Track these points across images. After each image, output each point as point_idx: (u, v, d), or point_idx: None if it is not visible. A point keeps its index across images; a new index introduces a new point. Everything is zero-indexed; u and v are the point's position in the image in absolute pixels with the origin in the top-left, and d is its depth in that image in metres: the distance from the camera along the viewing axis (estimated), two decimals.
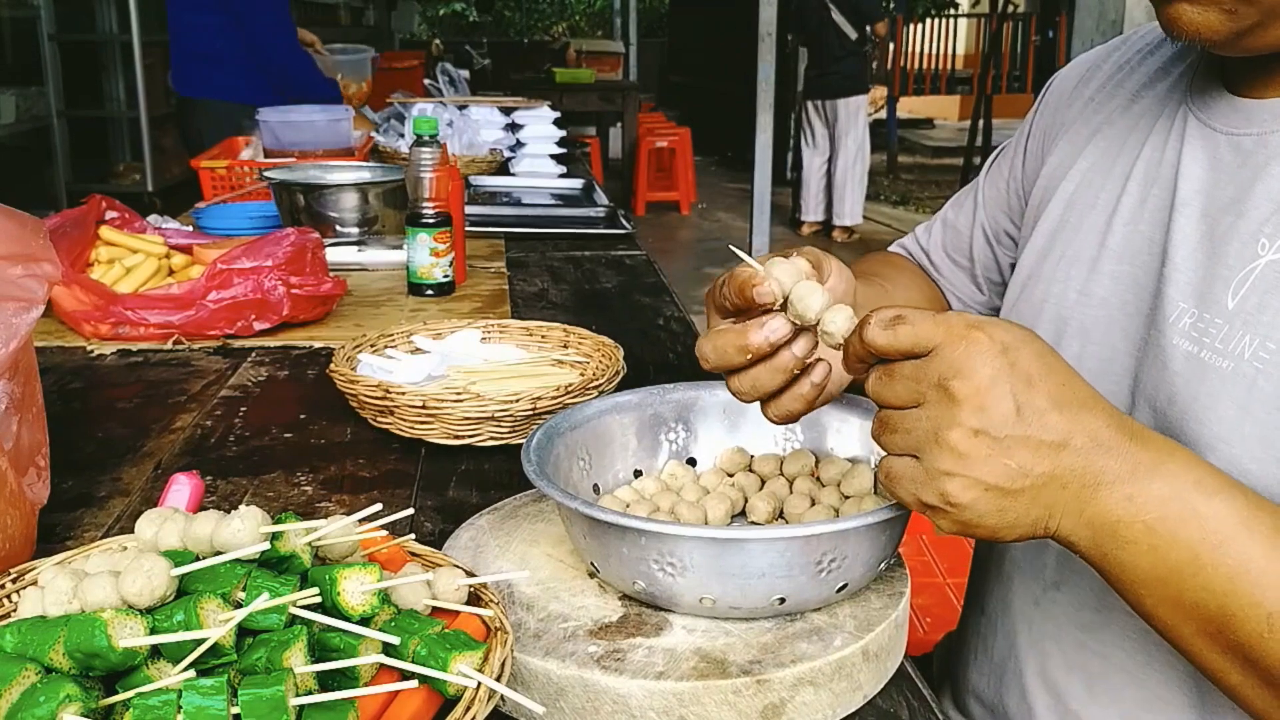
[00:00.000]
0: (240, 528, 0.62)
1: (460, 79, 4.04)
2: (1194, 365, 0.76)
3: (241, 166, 2.50)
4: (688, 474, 0.89)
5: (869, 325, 0.64)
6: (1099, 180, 0.90)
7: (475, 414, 1.08)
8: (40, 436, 0.88)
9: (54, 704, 0.52)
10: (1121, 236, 0.85)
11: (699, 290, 6.06)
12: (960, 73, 14.07)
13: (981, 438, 0.61)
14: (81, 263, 1.59)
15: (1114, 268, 0.85)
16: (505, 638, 0.62)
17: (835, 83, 7.29)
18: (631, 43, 11.86)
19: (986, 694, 0.97)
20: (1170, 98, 0.87)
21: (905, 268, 1.14)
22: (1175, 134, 0.84)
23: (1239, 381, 0.73)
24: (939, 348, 0.62)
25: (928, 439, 0.62)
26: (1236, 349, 0.74)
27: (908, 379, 0.63)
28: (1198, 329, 0.76)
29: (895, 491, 0.65)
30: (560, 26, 21.54)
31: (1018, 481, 0.61)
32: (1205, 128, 0.81)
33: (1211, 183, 0.79)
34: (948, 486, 0.62)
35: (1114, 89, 0.94)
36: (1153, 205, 0.84)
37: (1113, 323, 0.85)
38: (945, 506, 0.62)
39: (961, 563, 2.37)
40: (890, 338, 0.63)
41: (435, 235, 1.71)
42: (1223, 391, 0.74)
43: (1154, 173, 0.85)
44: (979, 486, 0.61)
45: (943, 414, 0.61)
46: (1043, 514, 0.63)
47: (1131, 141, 0.88)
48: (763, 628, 0.72)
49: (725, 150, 10.75)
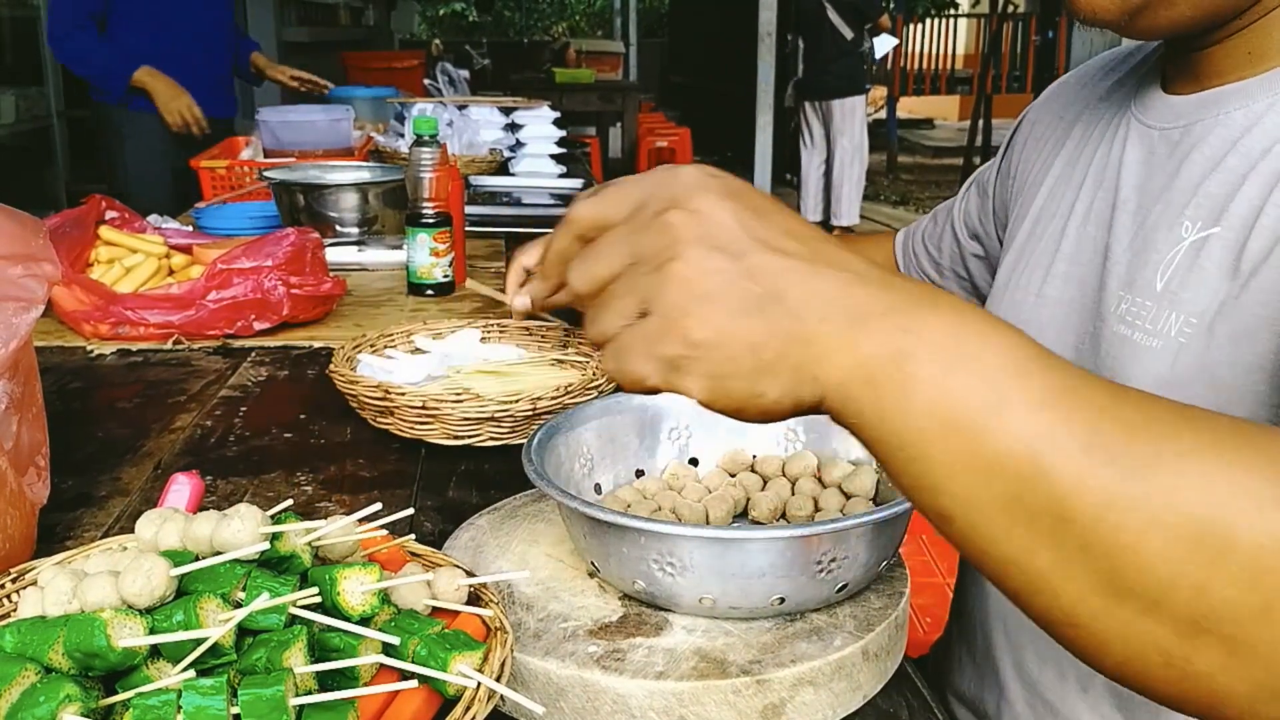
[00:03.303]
0: (240, 528, 0.62)
1: (460, 79, 4.03)
2: (1127, 348, 0.79)
3: (241, 166, 2.50)
4: (689, 474, 0.89)
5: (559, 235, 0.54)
6: (1060, 190, 0.94)
7: (475, 414, 1.08)
8: (40, 436, 0.88)
9: (54, 704, 0.52)
10: (1073, 239, 0.89)
11: None
12: (960, 73, 14.07)
13: (715, 256, 0.49)
14: (81, 263, 1.59)
15: (1065, 269, 0.89)
16: (505, 638, 0.62)
17: (831, 83, 7.29)
18: (631, 43, 11.88)
19: (969, 694, 0.99)
20: (1120, 103, 0.91)
21: (880, 248, 1.23)
22: (1120, 137, 0.88)
23: (1165, 357, 0.76)
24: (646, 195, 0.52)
25: (653, 284, 0.49)
26: (1164, 327, 0.77)
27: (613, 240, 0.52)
28: (1130, 313, 0.80)
29: (628, 370, 0.51)
30: (560, 26, 21.54)
31: (766, 307, 0.48)
32: (1143, 126, 0.85)
33: (1146, 177, 0.83)
34: (687, 323, 0.48)
35: (1080, 106, 0.98)
36: (1099, 206, 0.87)
37: (1065, 322, 0.88)
38: (689, 352, 0.49)
39: None
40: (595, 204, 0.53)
41: (435, 235, 1.71)
42: (1152, 370, 0.76)
43: (1100, 175, 0.88)
44: (721, 313, 0.48)
45: (664, 247, 0.49)
46: (804, 354, 0.48)
47: (1087, 149, 0.92)
48: (763, 628, 0.72)
49: (725, 150, 10.74)
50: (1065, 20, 8.41)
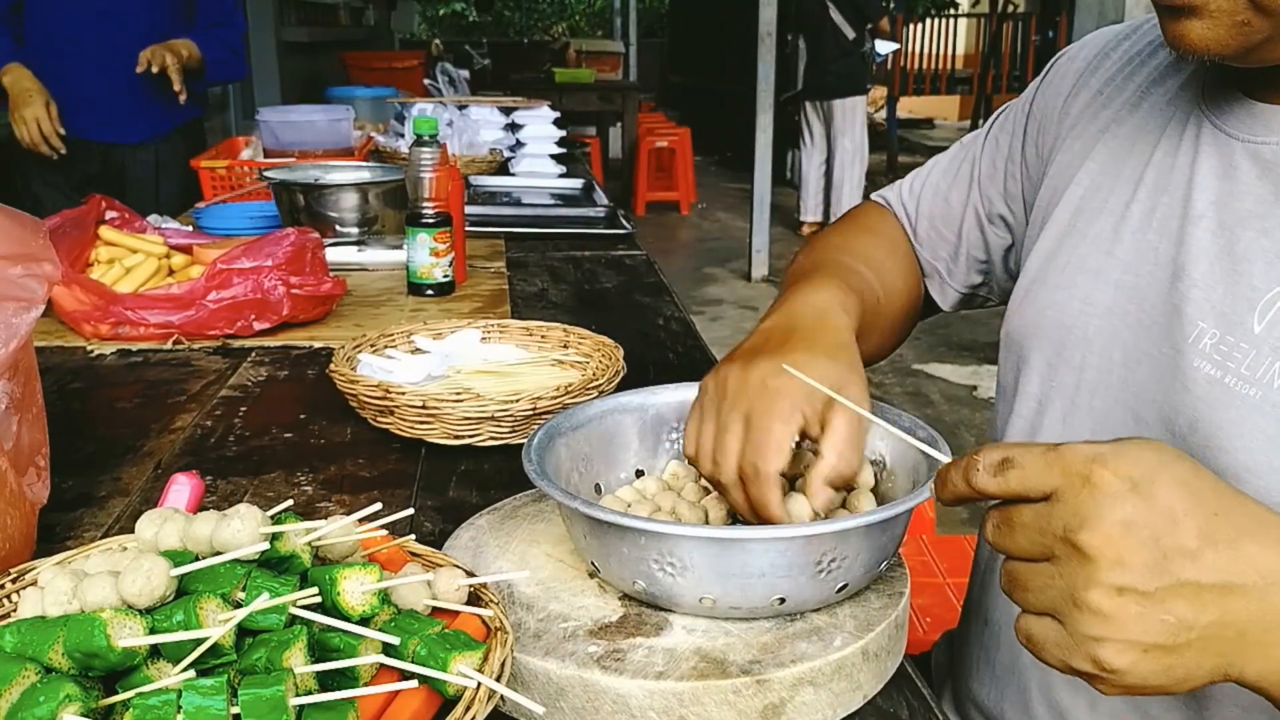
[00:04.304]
0: (240, 528, 0.62)
1: (460, 79, 4.03)
2: (1218, 390, 0.72)
3: (241, 166, 2.50)
4: (689, 474, 0.89)
5: (976, 470, 0.57)
6: (1108, 184, 0.87)
7: (475, 414, 1.08)
8: (40, 436, 0.88)
9: (54, 704, 0.52)
10: (1129, 246, 0.82)
11: (699, 290, 6.08)
12: (960, 73, 14.07)
13: (1127, 595, 0.53)
14: (81, 263, 1.59)
15: (1120, 277, 0.82)
16: (505, 638, 0.62)
17: (832, 83, 7.29)
18: (631, 43, 11.87)
19: (987, 704, 0.96)
20: (1181, 97, 0.83)
21: (884, 235, 1.09)
22: (1188, 139, 0.80)
23: (1267, 411, 0.70)
24: (1058, 493, 0.55)
25: (1065, 601, 0.54)
26: (1265, 376, 0.70)
27: (1029, 529, 0.56)
28: (1220, 352, 0.73)
29: (1041, 657, 0.57)
30: (560, 26, 21.55)
31: (1181, 636, 0.53)
32: (1220, 134, 0.78)
33: (1228, 193, 0.76)
34: (1099, 653, 0.54)
35: (1123, 83, 0.90)
36: (1162, 214, 0.80)
37: (1115, 334, 0.82)
38: (1101, 673, 0.55)
39: (962, 563, 2.37)
40: (1000, 484, 0.56)
41: (435, 235, 1.71)
42: (1250, 420, 0.70)
43: (1165, 180, 0.81)
44: (1136, 649, 0.54)
45: (1077, 572, 0.54)
46: (1220, 663, 0.55)
47: (1141, 144, 0.85)
48: (763, 628, 0.72)
49: (725, 150, 10.74)
50: (1065, 20, 8.41)
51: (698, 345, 1.53)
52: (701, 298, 5.96)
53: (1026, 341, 0.91)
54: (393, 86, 4.19)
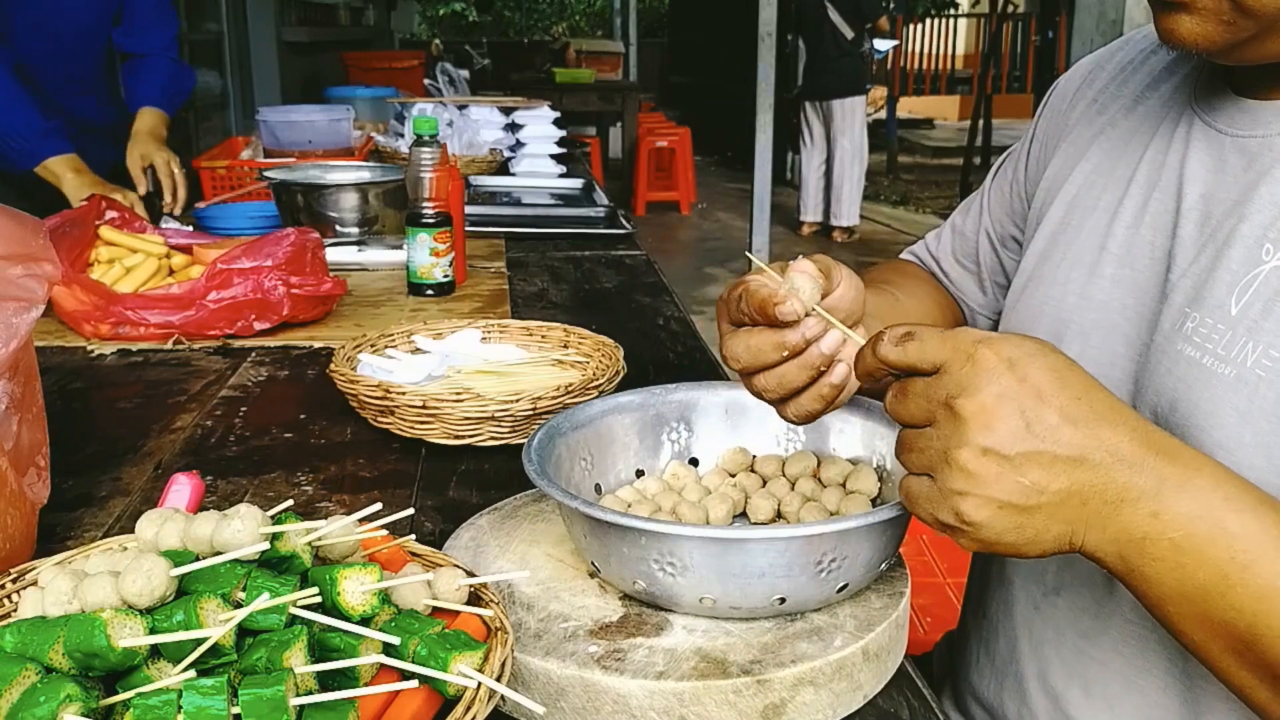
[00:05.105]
0: (240, 528, 0.62)
1: (460, 79, 4.04)
2: (1196, 370, 0.75)
3: (241, 166, 2.50)
4: (690, 474, 0.89)
5: (881, 340, 0.65)
6: (1101, 182, 0.89)
7: (475, 414, 1.08)
8: (40, 436, 0.88)
9: (54, 704, 0.52)
10: (1122, 240, 0.84)
11: (699, 290, 6.08)
12: (960, 73, 14.08)
13: (990, 456, 0.60)
14: (81, 263, 1.59)
15: (1114, 271, 0.84)
16: (505, 638, 0.62)
17: (831, 83, 7.29)
18: (631, 43, 11.87)
19: (987, 696, 0.97)
20: (1175, 99, 0.86)
21: (915, 274, 1.14)
22: (1180, 137, 0.82)
23: (1241, 389, 0.72)
24: (946, 365, 0.62)
25: (939, 458, 0.62)
26: (1239, 356, 0.72)
27: (919, 396, 0.63)
28: (1199, 334, 0.75)
29: (914, 511, 0.65)
30: (560, 26, 21.55)
31: (1033, 498, 0.61)
32: (1210, 130, 0.80)
33: (1215, 185, 0.78)
34: (961, 506, 0.61)
35: (1117, 90, 0.93)
36: (1155, 209, 0.82)
37: (1113, 327, 0.84)
38: (961, 525, 0.62)
39: (962, 563, 2.37)
40: (900, 353, 0.64)
41: (435, 235, 1.71)
42: (1225, 398, 0.73)
43: (1156, 176, 0.83)
44: (992, 504, 0.61)
45: (951, 433, 0.61)
46: (1065, 530, 0.62)
47: (1135, 144, 0.87)
48: (763, 628, 0.72)
49: (725, 150, 10.75)
50: (1065, 20, 8.41)
51: (698, 345, 1.53)
52: (701, 298, 5.96)
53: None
54: (393, 87, 4.19)
